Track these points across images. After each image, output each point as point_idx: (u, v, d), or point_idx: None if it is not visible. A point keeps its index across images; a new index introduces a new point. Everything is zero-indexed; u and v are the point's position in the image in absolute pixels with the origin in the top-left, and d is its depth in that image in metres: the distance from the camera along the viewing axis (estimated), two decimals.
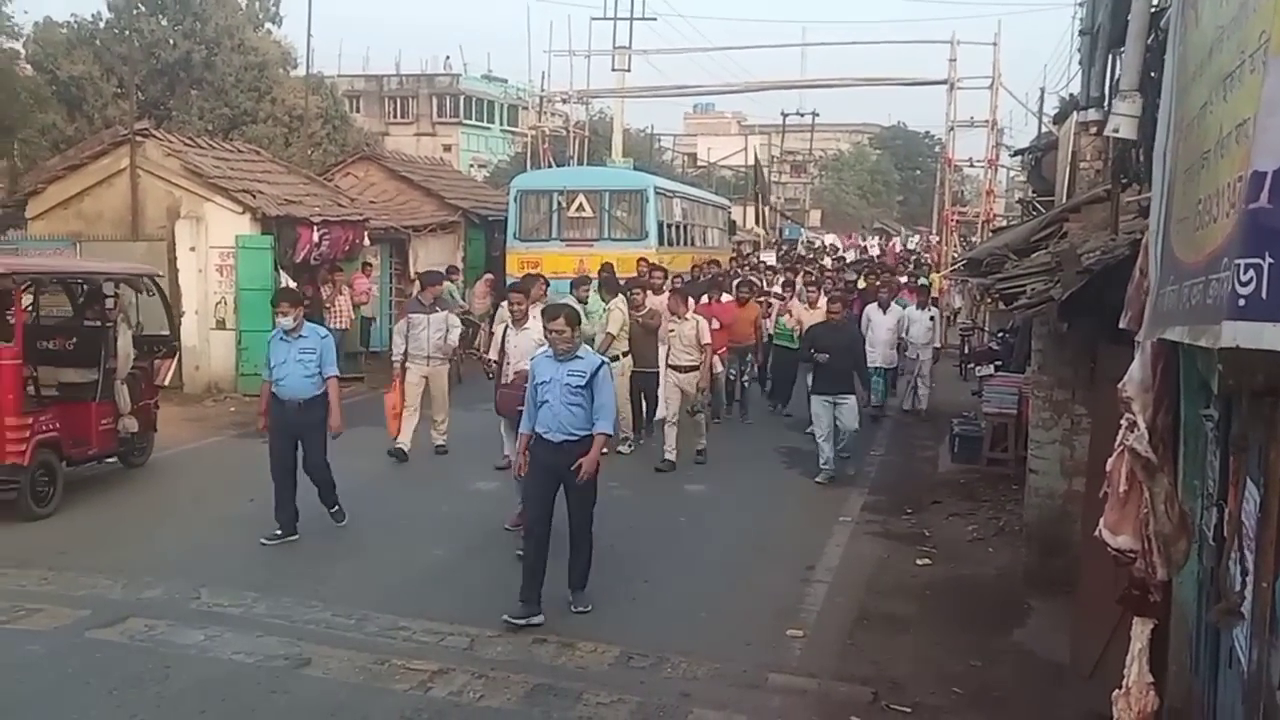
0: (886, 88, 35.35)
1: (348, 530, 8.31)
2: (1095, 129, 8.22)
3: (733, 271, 18.62)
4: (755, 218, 39.60)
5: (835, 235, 50.18)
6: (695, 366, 10.84)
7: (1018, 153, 24.34)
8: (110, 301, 9.82)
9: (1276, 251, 2.12)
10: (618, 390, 10.74)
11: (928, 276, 20.97)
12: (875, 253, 38.93)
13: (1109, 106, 6.49)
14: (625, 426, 11.39)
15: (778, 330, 13.72)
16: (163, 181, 14.66)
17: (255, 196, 14.73)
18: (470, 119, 59.74)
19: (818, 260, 28.75)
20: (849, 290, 15.99)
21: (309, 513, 8.17)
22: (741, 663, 6.03)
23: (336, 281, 15.90)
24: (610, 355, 10.67)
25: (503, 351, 8.62)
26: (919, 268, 25.94)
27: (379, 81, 59.92)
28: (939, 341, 15.15)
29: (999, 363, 13.79)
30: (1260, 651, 2.90)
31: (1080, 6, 11.98)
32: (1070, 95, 15.06)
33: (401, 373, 10.82)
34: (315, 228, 15.37)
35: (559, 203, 18.83)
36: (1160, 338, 3.26)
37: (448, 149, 51.87)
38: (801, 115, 50.06)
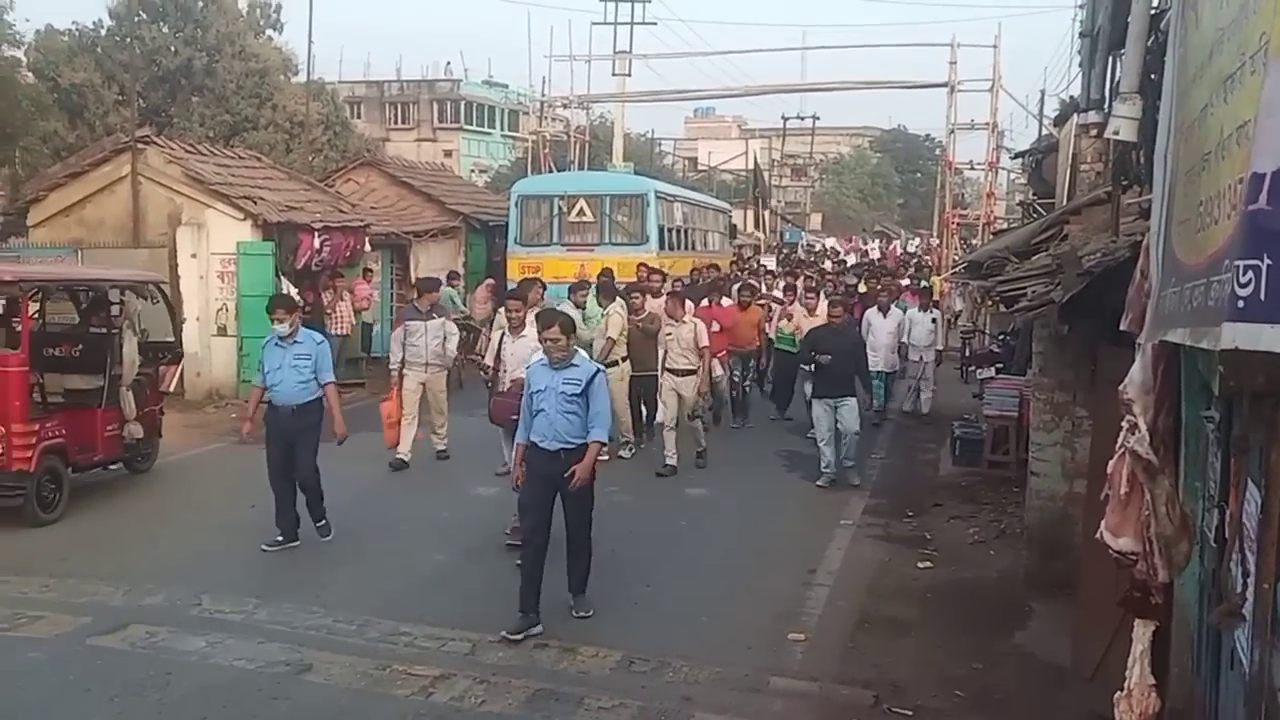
0: (887, 91, 35.39)
1: (348, 536, 8.30)
2: (1095, 131, 8.21)
3: (733, 275, 18.61)
4: (755, 222, 39.63)
5: (836, 239, 50.22)
6: (693, 370, 10.80)
7: (1018, 155, 24.39)
8: (116, 308, 9.85)
9: (1275, 253, 2.12)
10: (617, 395, 10.78)
11: (928, 279, 20.98)
12: (876, 256, 38.94)
13: (1109, 109, 6.49)
14: (625, 431, 11.40)
15: (779, 336, 13.70)
16: (164, 188, 14.68)
17: (256, 203, 14.74)
18: (471, 124, 59.85)
19: (818, 264, 28.75)
20: (849, 294, 15.99)
21: (310, 519, 8.16)
22: (743, 666, 6.03)
23: (338, 287, 15.90)
24: (609, 360, 10.69)
25: (499, 359, 8.54)
26: (920, 271, 25.94)
27: (380, 87, 60.05)
28: (941, 344, 15.13)
29: (1000, 365, 13.78)
30: (1262, 653, 2.89)
31: (1080, 9, 11.97)
32: (1070, 97, 15.09)
33: (399, 380, 10.78)
34: (316, 234, 15.38)
35: (560, 207, 18.82)
36: (1161, 340, 3.26)
37: (448, 154, 51.96)
38: (802, 119, 50.18)
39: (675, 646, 6.25)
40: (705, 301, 12.98)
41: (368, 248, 17.28)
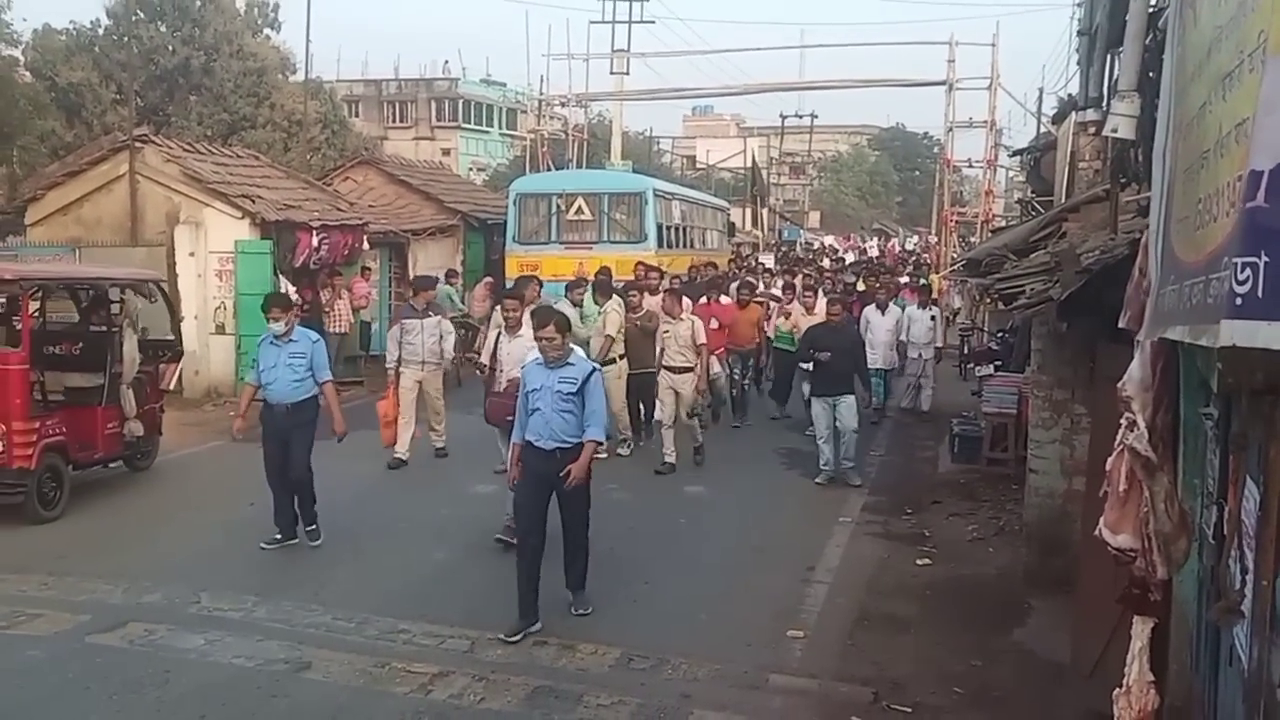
0: (885, 89, 35.45)
1: (347, 534, 8.30)
2: (1094, 129, 8.24)
3: (730, 274, 18.61)
4: (753, 220, 39.64)
5: (834, 237, 50.26)
6: (690, 367, 10.79)
7: (1016, 153, 24.41)
8: (116, 307, 9.86)
9: (1273, 250, 2.12)
10: (614, 392, 10.77)
11: (927, 277, 20.98)
12: (875, 254, 38.95)
13: (1107, 106, 6.51)
14: (623, 428, 11.40)
15: (777, 335, 13.70)
16: (162, 187, 14.66)
17: (254, 202, 14.73)
18: (469, 123, 59.85)
19: (815, 262, 28.75)
20: (848, 292, 15.98)
21: (301, 522, 8.15)
22: (742, 664, 6.03)
23: (336, 286, 15.90)
24: (608, 358, 10.68)
25: (495, 358, 8.44)
26: (919, 269, 25.94)
27: (378, 86, 60.06)
28: (940, 341, 15.14)
29: (998, 363, 13.80)
30: (1260, 650, 2.90)
31: (1079, 7, 12.01)
32: (1069, 95, 15.07)
33: (395, 379, 10.77)
34: (314, 232, 15.38)
35: (558, 206, 18.81)
36: (1160, 337, 3.26)
37: (446, 153, 51.92)
38: (800, 117, 50.16)
39: (674, 644, 6.25)
40: (704, 299, 12.98)
41: (366, 246, 17.27)
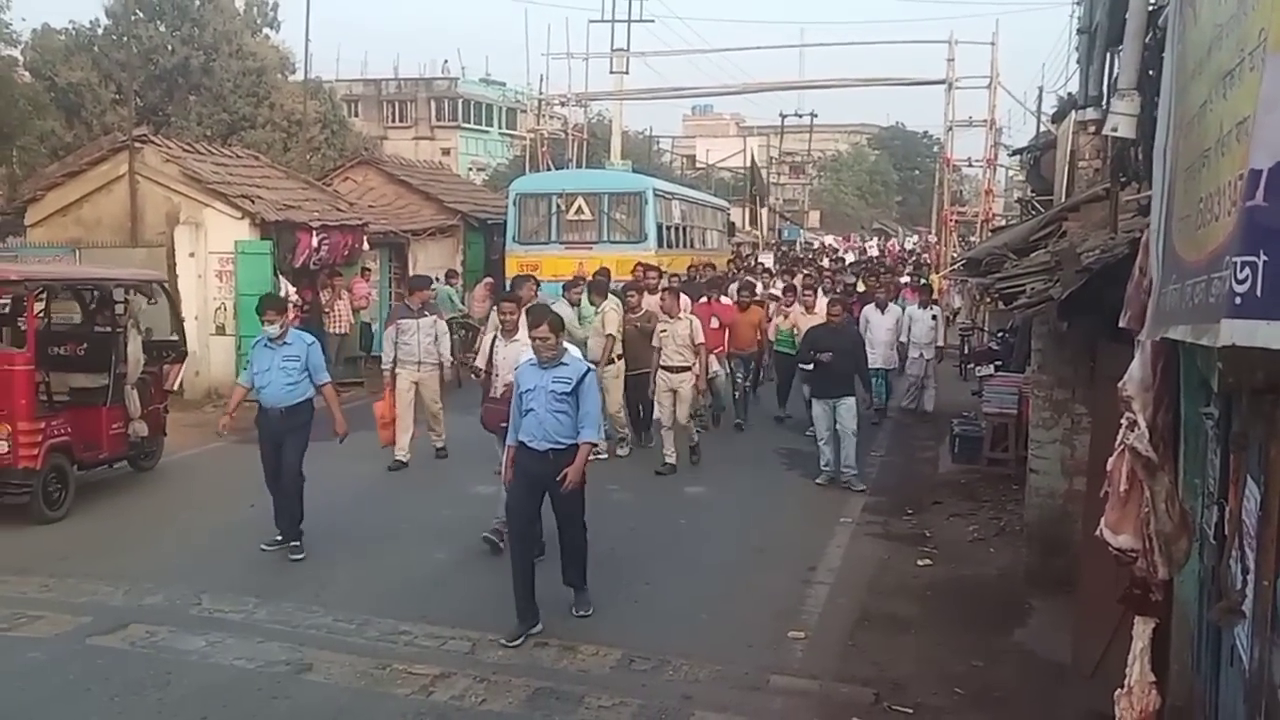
0: (885, 88, 35.41)
1: (347, 535, 8.30)
2: (1094, 128, 8.23)
3: (730, 274, 18.59)
4: (753, 219, 39.63)
5: (834, 236, 50.24)
6: (688, 367, 10.76)
7: (1016, 152, 24.38)
8: (120, 307, 9.87)
9: (1272, 249, 2.12)
10: (612, 392, 10.76)
11: (927, 277, 20.97)
12: (875, 253, 38.93)
13: (1107, 105, 6.50)
14: (621, 428, 11.38)
15: (778, 337, 13.66)
16: (161, 187, 14.66)
17: (254, 202, 14.73)
18: (469, 123, 59.87)
19: (815, 261, 28.73)
20: (848, 293, 15.96)
21: (309, 519, 8.14)
22: (743, 665, 6.02)
23: (336, 286, 15.89)
24: (607, 358, 10.66)
25: (490, 362, 8.25)
26: (919, 269, 25.92)
27: (377, 86, 60.08)
28: (941, 340, 15.12)
29: (999, 362, 13.78)
30: (1262, 650, 2.89)
31: (1078, 5, 11.98)
32: (1069, 94, 15.03)
33: (392, 380, 10.74)
34: (314, 232, 15.37)
35: (558, 205, 18.81)
36: (1161, 336, 3.26)
37: (446, 153, 51.96)
38: (800, 116, 50.13)
39: (675, 645, 6.25)
40: (704, 298, 12.96)
41: (366, 246, 17.27)
